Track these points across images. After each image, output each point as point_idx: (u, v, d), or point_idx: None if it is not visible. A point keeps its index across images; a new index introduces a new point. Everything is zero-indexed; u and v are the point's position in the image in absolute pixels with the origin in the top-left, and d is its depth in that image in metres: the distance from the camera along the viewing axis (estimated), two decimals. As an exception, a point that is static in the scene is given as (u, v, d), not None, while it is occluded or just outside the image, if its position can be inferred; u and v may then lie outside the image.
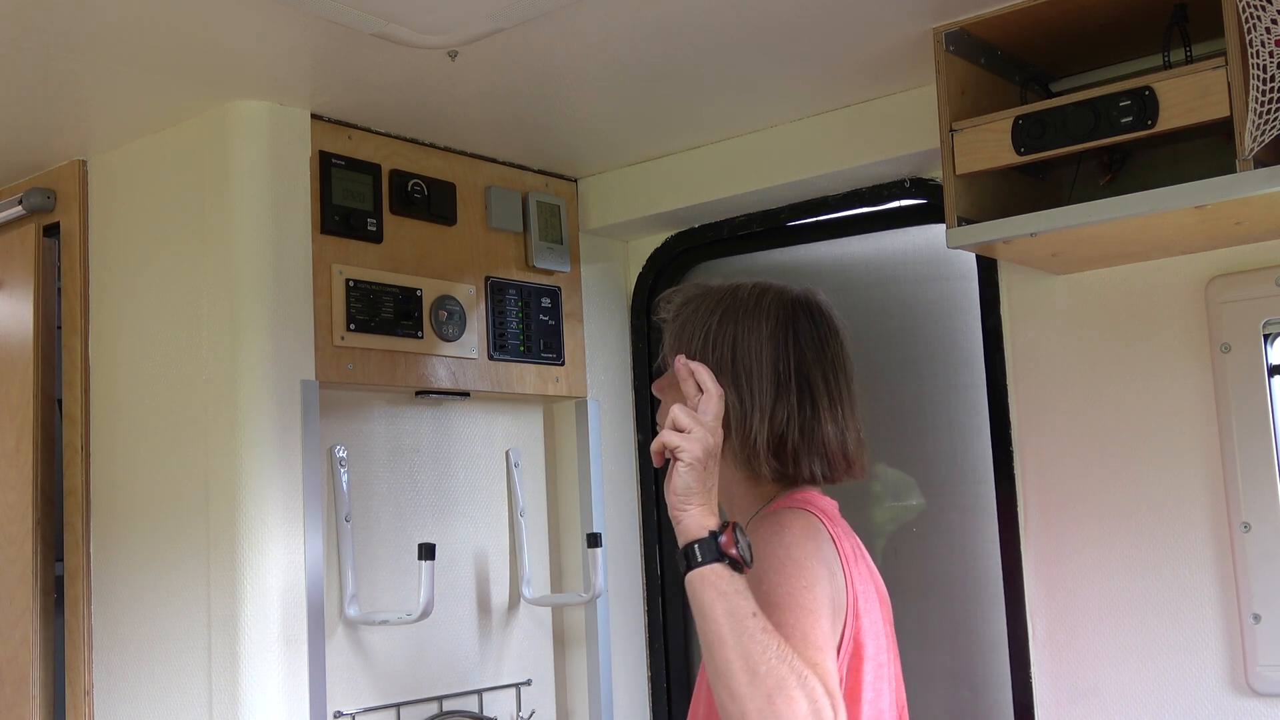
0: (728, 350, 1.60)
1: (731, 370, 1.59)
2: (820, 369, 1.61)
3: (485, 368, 2.57)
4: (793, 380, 1.59)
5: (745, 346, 1.60)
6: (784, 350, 1.60)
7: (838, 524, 1.61)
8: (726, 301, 1.64)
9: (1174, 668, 2.11)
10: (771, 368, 1.59)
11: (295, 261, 2.26)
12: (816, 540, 1.51)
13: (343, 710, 2.33)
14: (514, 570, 2.70)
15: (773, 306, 1.63)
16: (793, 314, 1.63)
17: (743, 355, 1.60)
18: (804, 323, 1.63)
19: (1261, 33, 1.62)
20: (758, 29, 2.03)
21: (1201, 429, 2.09)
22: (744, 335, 1.60)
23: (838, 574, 1.53)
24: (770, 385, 1.58)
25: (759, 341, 1.60)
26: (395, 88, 2.22)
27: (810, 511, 1.56)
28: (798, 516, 1.54)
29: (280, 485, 2.19)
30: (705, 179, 2.64)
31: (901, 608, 1.78)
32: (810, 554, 1.48)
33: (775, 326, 1.61)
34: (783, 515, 1.54)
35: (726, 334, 1.61)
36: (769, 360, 1.59)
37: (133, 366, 2.37)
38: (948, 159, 1.97)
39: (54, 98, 2.19)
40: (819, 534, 1.53)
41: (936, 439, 2.60)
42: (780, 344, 1.60)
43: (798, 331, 1.61)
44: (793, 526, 1.51)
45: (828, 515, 1.59)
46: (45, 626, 2.46)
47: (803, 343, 1.61)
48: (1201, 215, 1.82)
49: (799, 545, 1.49)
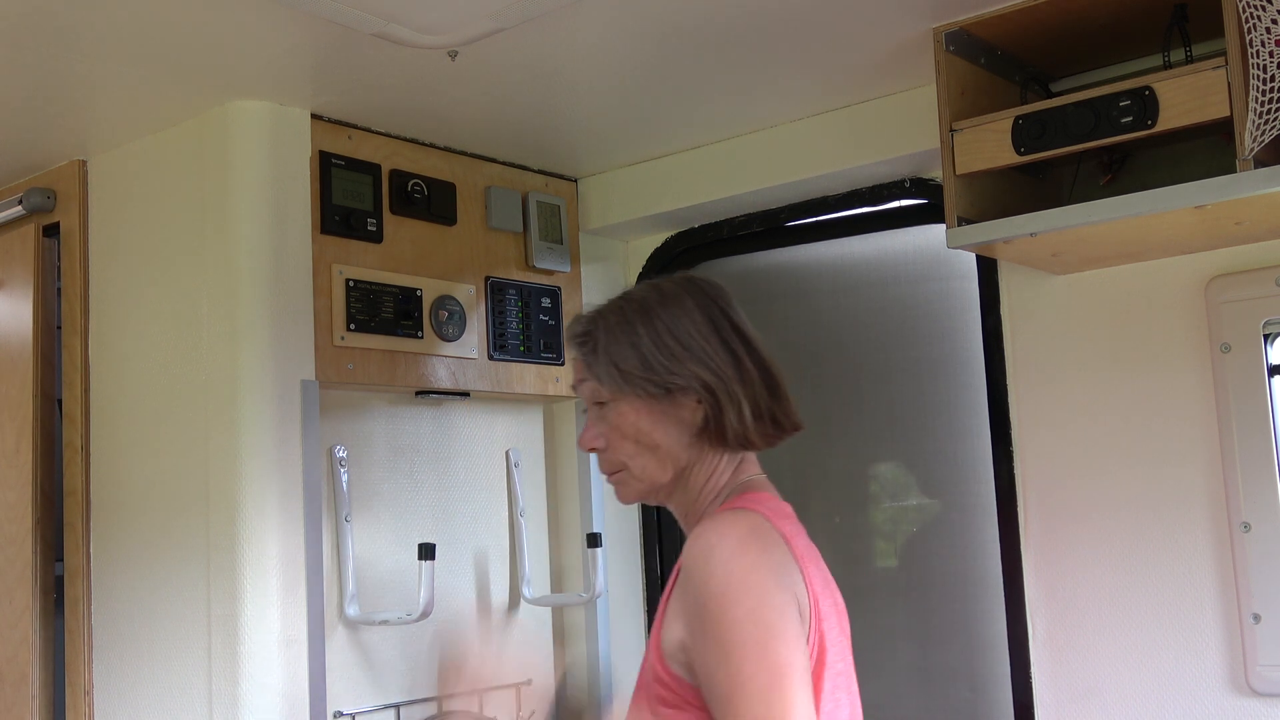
0: (671, 342, 1.54)
1: (691, 356, 1.53)
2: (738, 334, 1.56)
3: (485, 368, 2.57)
4: (722, 349, 1.54)
5: (685, 331, 1.54)
6: (719, 321, 1.56)
7: (788, 523, 1.51)
8: (634, 307, 1.58)
9: (1174, 668, 2.11)
10: (719, 342, 1.54)
11: (295, 261, 2.26)
12: (762, 542, 1.41)
13: (343, 710, 2.33)
14: (514, 570, 2.70)
15: (680, 291, 1.58)
16: (701, 289, 1.58)
17: (688, 340, 1.54)
18: (711, 292, 1.59)
19: (1261, 33, 1.62)
20: (757, 29, 2.03)
21: (1201, 429, 2.09)
22: (676, 323, 1.55)
23: (794, 573, 1.42)
24: (727, 354, 1.54)
25: (692, 322, 1.55)
26: (395, 88, 2.22)
27: (754, 510, 1.47)
28: (737, 519, 1.44)
29: (280, 485, 2.19)
30: (705, 179, 2.64)
31: (902, 608, 1.78)
32: (755, 564, 1.38)
33: (693, 305, 1.56)
34: (719, 523, 1.43)
35: (660, 329, 1.55)
36: (714, 336, 1.55)
37: (133, 366, 2.37)
38: (948, 159, 1.97)
39: (54, 98, 2.19)
40: (764, 535, 1.43)
41: (936, 439, 2.60)
42: (711, 318, 1.56)
43: (716, 302, 1.57)
44: (729, 534, 1.41)
45: (778, 514, 1.50)
46: (45, 626, 2.46)
47: (725, 311, 1.57)
48: (1201, 215, 1.82)
49: (738, 557, 1.38)
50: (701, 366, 1.53)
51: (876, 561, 2.73)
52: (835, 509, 2.75)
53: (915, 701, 2.59)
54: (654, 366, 1.54)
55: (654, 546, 2.89)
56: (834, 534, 2.72)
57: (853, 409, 2.74)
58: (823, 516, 2.75)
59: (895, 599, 2.67)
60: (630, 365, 1.55)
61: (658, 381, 1.54)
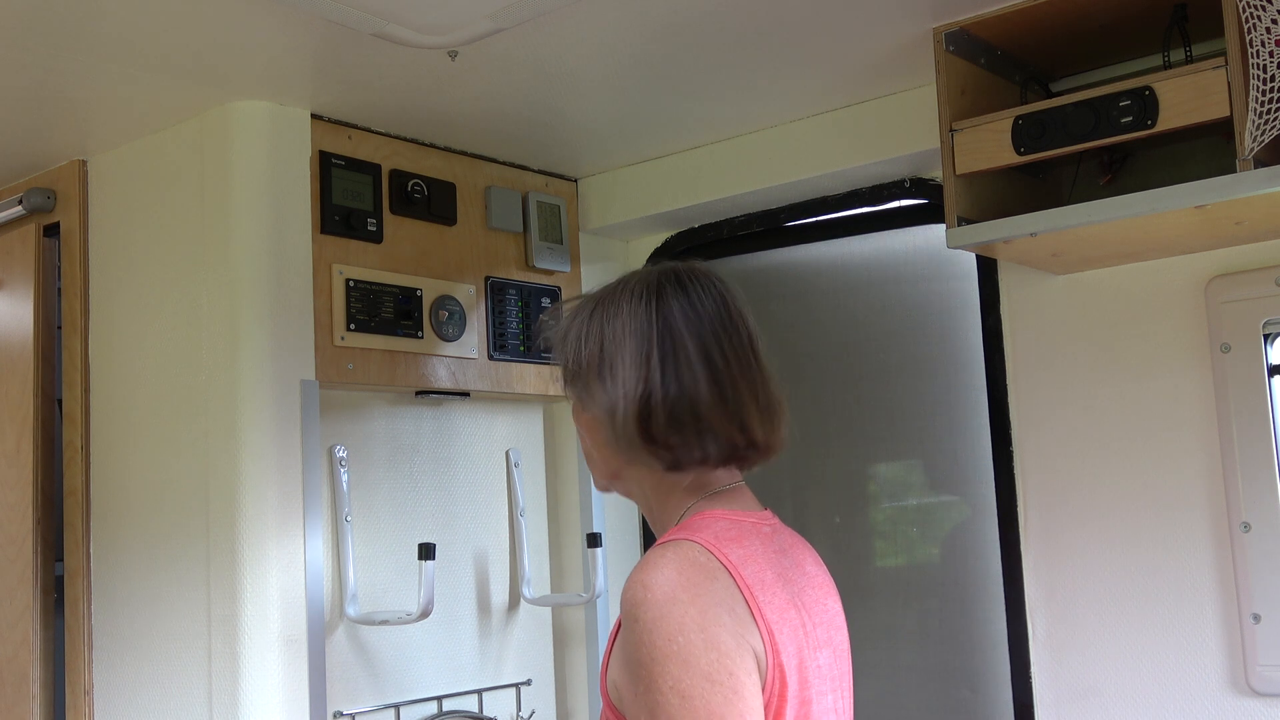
0: (596, 345, 1.46)
1: (598, 363, 1.45)
2: (695, 337, 1.43)
3: (485, 368, 2.57)
4: (655, 353, 1.42)
5: (610, 334, 1.45)
6: (646, 325, 1.43)
7: (742, 543, 1.38)
8: (595, 299, 1.50)
9: (1174, 668, 2.11)
10: (634, 346, 1.43)
11: (295, 261, 2.26)
12: (693, 588, 1.30)
13: (343, 710, 2.33)
14: (514, 570, 2.70)
15: (637, 286, 1.47)
16: (658, 288, 1.46)
17: (609, 343, 1.44)
18: (670, 292, 1.45)
19: (1261, 33, 1.62)
20: (757, 29, 2.03)
21: (1201, 429, 2.09)
22: (609, 323, 1.46)
23: (737, 608, 1.31)
24: (632, 364, 1.42)
25: (622, 325, 1.44)
26: (395, 88, 2.22)
27: (692, 541, 1.35)
28: (665, 559, 1.32)
29: (280, 485, 2.19)
30: (705, 179, 2.64)
31: (902, 608, 1.78)
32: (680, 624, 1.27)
33: (636, 303, 1.45)
34: (648, 569, 1.32)
35: (594, 329, 1.47)
36: (631, 340, 1.43)
37: (133, 366, 2.37)
38: (948, 159, 1.97)
39: (54, 98, 2.19)
40: (698, 574, 1.31)
41: (936, 439, 2.60)
42: (642, 319, 1.44)
43: (662, 303, 1.44)
44: (655, 585, 1.29)
45: (722, 539, 1.36)
46: (45, 626, 2.46)
47: (668, 314, 1.43)
48: (1201, 215, 1.82)
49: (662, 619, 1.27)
50: (598, 379, 1.45)
51: (876, 561, 2.73)
52: (835, 509, 2.75)
53: (915, 701, 2.59)
54: (573, 371, 1.49)
55: (654, 546, 2.89)
56: (834, 534, 2.72)
57: (853, 409, 2.74)
58: (823, 516, 2.76)
59: (895, 599, 2.67)
60: (565, 364, 1.51)
61: (578, 388, 1.49)
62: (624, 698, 1.32)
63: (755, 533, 1.42)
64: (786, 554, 1.45)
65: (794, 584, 1.42)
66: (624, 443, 1.43)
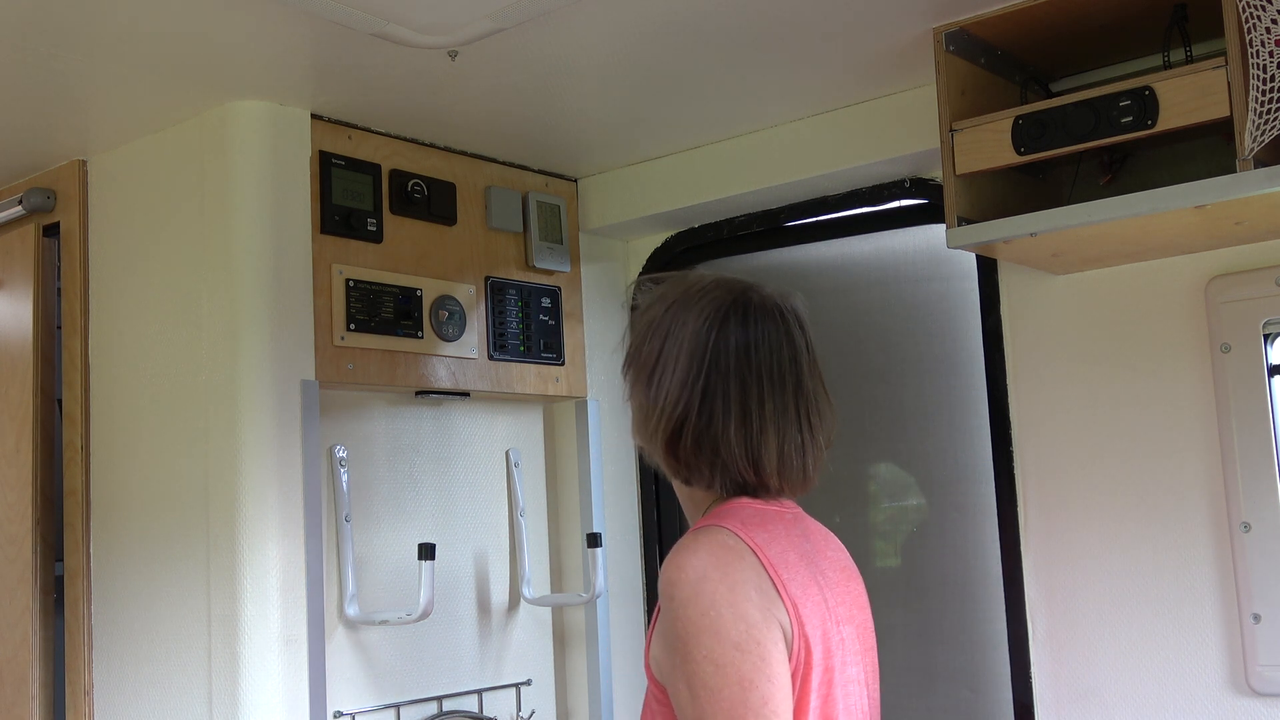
0: (657, 345, 1.55)
1: (654, 365, 1.54)
2: (738, 374, 1.51)
3: (485, 368, 2.57)
4: (701, 380, 1.51)
5: (673, 341, 1.54)
6: (701, 348, 1.51)
7: (766, 528, 1.49)
8: (679, 293, 1.58)
9: (1174, 668, 2.11)
10: (685, 365, 1.51)
11: (295, 261, 2.26)
12: (723, 567, 1.41)
13: (343, 710, 2.33)
14: (514, 570, 2.70)
15: (710, 303, 1.54)
16: (725, 314, 1.53)
17: (668, 348, 1.54)
18: (733, 324, 1.53)
19: (1261, 33, 1.62)
20: (757, 29, 2.03)
21: (1201, 429, 2.09)
22: (676, 329, 1.54)
23: (764, 586, 1.43)
24: (677, 383, 1.51)
25: (683, 338, 1.53)
26: (395, 88, 2.22)
27: (721, 527, 1.46)
28: (699, 543, 1.44)
29: (280, 485, 2.19)
30: (705, 179, 2.64)
31: (902, 608, 1.78)
32: (712, 599, 1.39)
33: (702, 323, 1.53)
34: (682, 552, 1.44)
35: (663, 327, 1.55)
36: (685, 358, 1.52)
37: (133, 366, 2.37)
38: (948, 159, 1.97)
39: (54, 98, 2.19)
40: (728, 556, 1.43)
41: (936, 439, 2.60)
42: (700, 342, 1.52)
43: (723, 332, 1.52)
44: (688, 565, 1.42)
45: (748, 524, 1.48)
46: (45, 626, 2.46)
47: (723, 344, 1.52)
48: (1201, 215, 1.82)
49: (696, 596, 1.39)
50: (647, 382, 1.55)
51: (876, 561, 2.73)
52: (835, 509, 2.75)
53: (915, 701, 2.59)
54: (632, 357, 1.59)
55: (654, 546, 2.89)
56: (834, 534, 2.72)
57: (852, 409, 2.74)
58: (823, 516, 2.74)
59: (895, 599, 2.67)
60: (630, 350, 1.61)
61: (631, 379, 1.60)
62: (664, 670, 1.45)
63: (779, 519, 1.54)
64: (808, 538, 1.58)
65: (816, 565, 1.54)
66: (650, 446, 1.56)
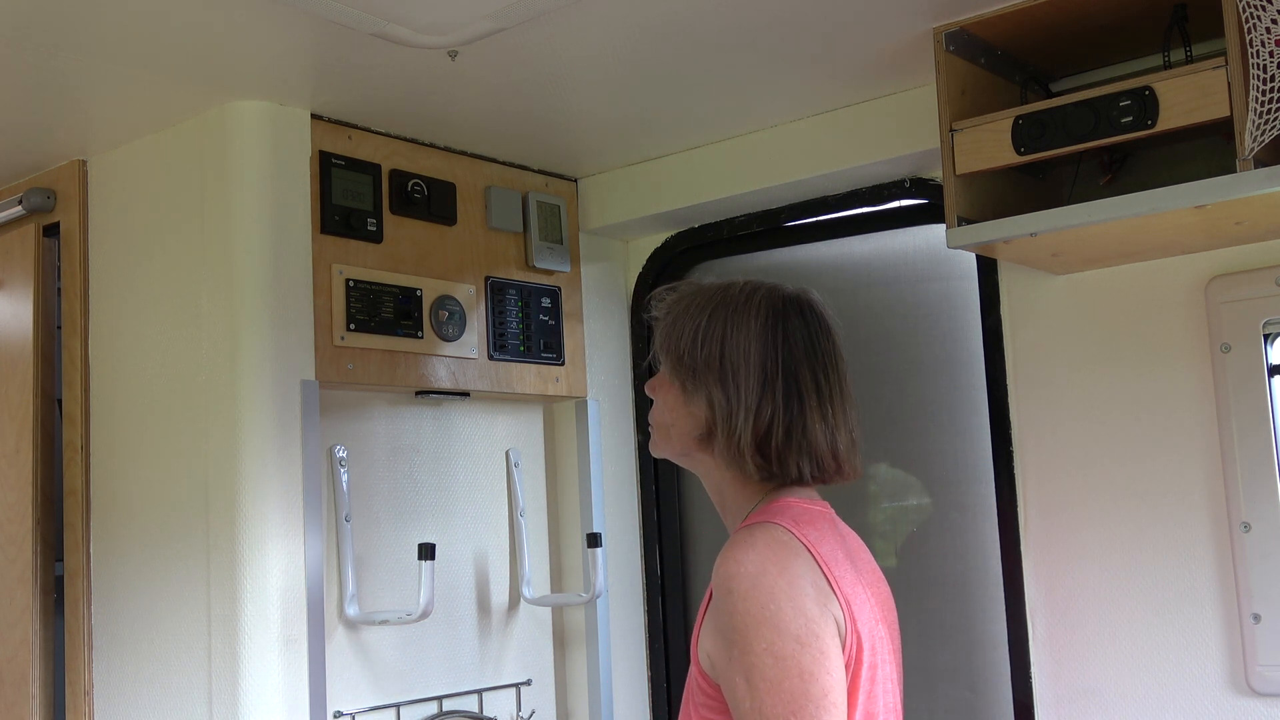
0: (716, 348, 1.59)
1: (719, 368, 1.58)
2: (809, 367, 1.58)
3: (485, 368, 2.57)
4: (780, 378, 1.57)
5: (733, 344, 1.59)
6: (771, 348, 1.58)
7: (815, 526, 1.55)
8: (717, 299, 1.63)
9: (1174, 668, 2.11)
10: (759, 365, 1.57)
11: (295, 261, 2.26)
12: (780, 562, 1.46)
13: (343, 710, 2.33)
14: (514, 570, 2.70)
15: (764, 304, 1.61)
16: (783, 311, 1.61)
17: (730, 352, 1.58)
18: (794, 320, 1.60)
19: (1261, 33, 1.62)
20: (757, 29, 2.03)
21: (1201, 429, 2.09)
22: (732, 333, 1.59)
23: (819, 581, 1.47)
24: (756, 383, 1.56)
25: (747, 339, 1.58)
26: (395, 88, 2.22)
27: (775, 524, 1.51)
28: (755, 539, 1.48)
29: (280, 485, 2.19)
30: (705, 179, 2.64)
31: (902, 608, 1.78)
32: (771, 593, 1.43)
33: (764, 324, 1.59)
34: (738, 547, 1.48)
35: (715, 332, 1.60)
36: (756, 357, 1.57)
37: (133, 366, 2.37)
38: (948, 159, 1.97)
39: (54, 98, 2.19)
40: (784, 551, 1.47)
41: (936, 439, 2.60)
42: (768, 341, 1.58)
43: (788, 329, 1.59)
44: (746, 560, 1.45)
45: (799, 522, 1.53)
46: (45, 626, 2.46)
47: (792, 340, 1.59)
48: (1201, 215, 1.82)
49: (755, 591, 1.43)
50: (719, 384, 1.59)
51: (877, 561, 2.72)
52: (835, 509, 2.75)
53: (915, 701, 2.58)
54: (685, 361, 1.61)
55: (654, 546, 2.89)
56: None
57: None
58: (823, 516, 2.75)
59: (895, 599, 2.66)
60: (674, 348, 1.63)
61: (683, 375, 1.62)
62: (716, 664, 1.47)
63: (823, 518, 1.59)
64: (844, 539, 1.62)
65: (858, 564, 1.60)
66: (733, 451, 1.58)
